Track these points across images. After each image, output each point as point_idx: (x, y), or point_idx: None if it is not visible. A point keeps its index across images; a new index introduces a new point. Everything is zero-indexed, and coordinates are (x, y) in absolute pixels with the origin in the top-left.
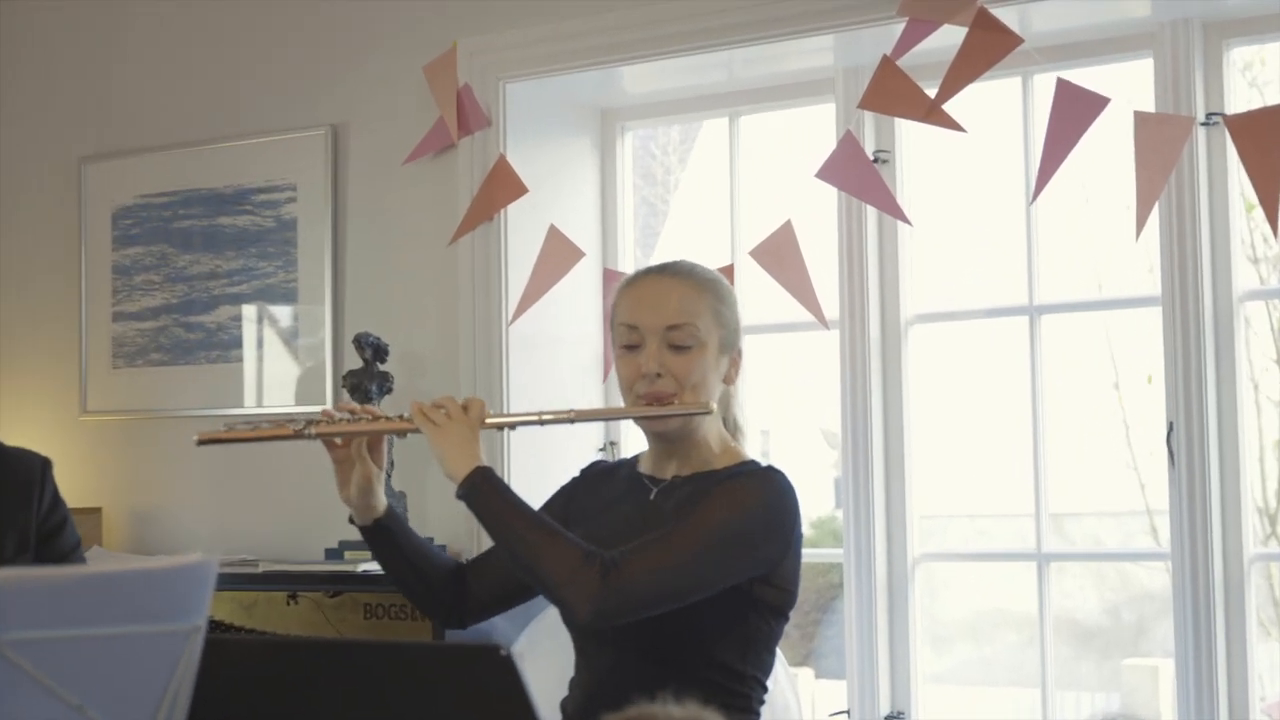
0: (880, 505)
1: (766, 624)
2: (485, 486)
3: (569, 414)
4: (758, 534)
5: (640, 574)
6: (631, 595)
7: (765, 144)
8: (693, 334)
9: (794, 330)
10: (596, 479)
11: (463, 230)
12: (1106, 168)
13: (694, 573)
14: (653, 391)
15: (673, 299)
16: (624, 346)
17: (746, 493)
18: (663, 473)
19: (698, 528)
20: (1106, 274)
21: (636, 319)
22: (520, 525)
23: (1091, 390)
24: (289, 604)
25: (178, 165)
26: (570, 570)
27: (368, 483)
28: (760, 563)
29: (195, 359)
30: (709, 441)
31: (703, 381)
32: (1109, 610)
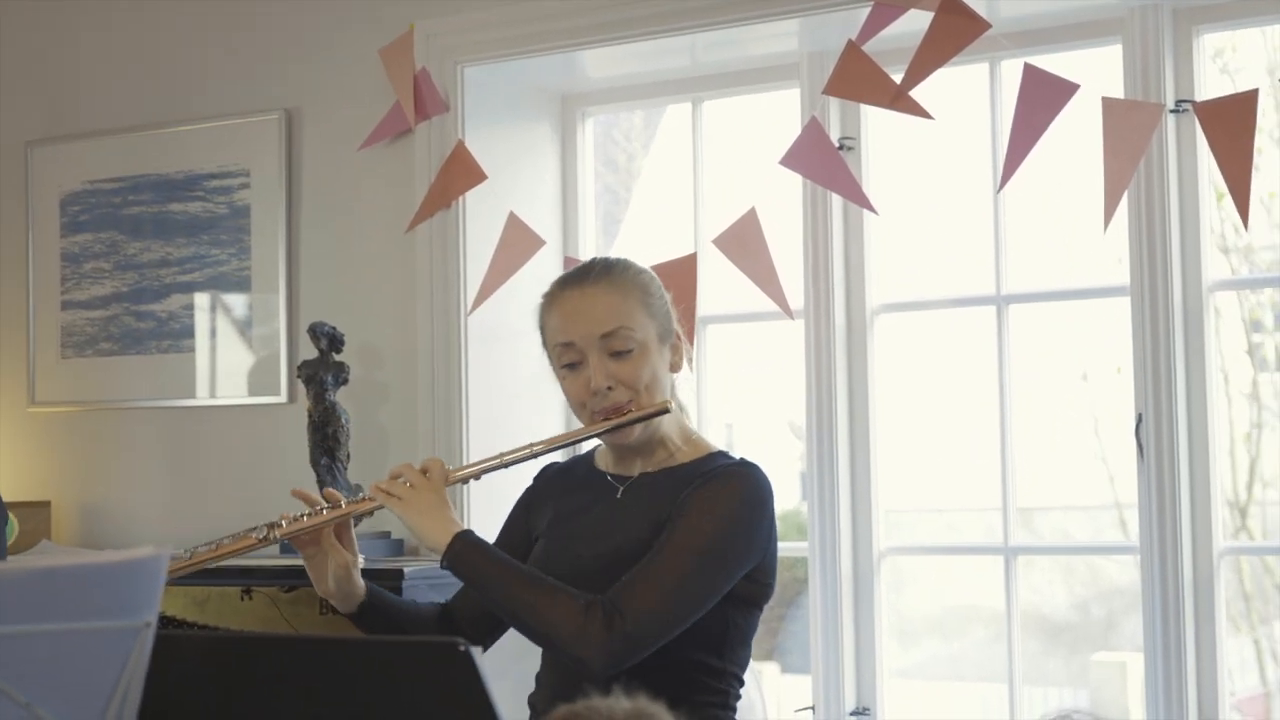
0: (845, 499)
1: (743, 617)
2: (469, 552)
3: (528, 449)
4: (743, 536)
5: (643, 613)
6: (641, 637)
7: (729, 130)
8: (629, 336)
9: (758, 320)
10: (553, 481)
11: (420, 218)
12: (1075, 155)
13: (694, 595)
14: (609, 406)
15: (600, 306)
16: (565, 366)
17: (725, 497)
18: (627, 469)
19: (686, 548)
20: (1075, 263)
21: (569, 335)
22: (513, 586)
23: (1060, 381)
24: (243, 599)
25: (128, 150)
26: (573, 625)
27: (344, 571)
28: (747, 563)
29: (146, 349)
30: (672, 437)
31: (654, 381)
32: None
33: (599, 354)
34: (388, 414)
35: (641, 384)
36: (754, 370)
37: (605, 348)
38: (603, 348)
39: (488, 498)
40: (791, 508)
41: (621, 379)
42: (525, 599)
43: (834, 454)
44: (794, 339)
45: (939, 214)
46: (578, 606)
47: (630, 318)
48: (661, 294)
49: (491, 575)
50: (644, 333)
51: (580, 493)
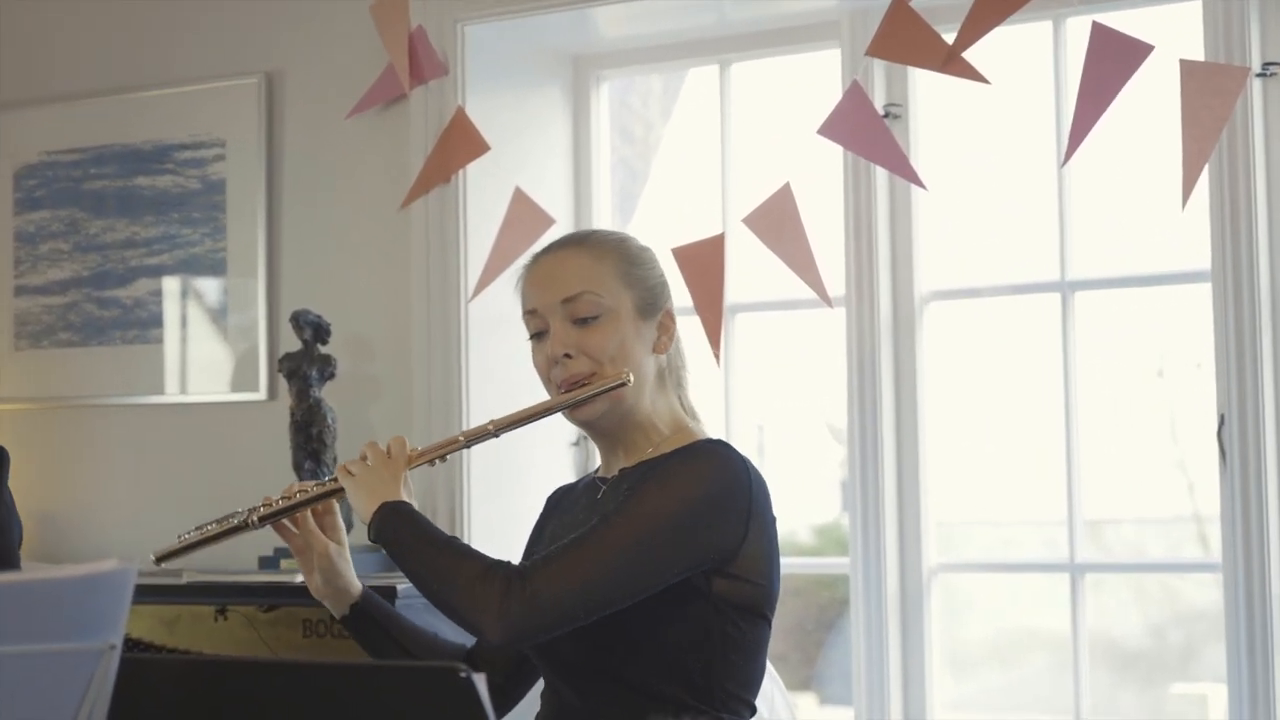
0: (891, 509)
1: (734, 627)
2: (394, 519)
3: (488, 427)
4: (699, 519)
5: (550, 583)
6: (541, 609)
7: (760, 96)
8: (594, 302)
9: (793, 309)
10: (558, 500)
11: (415, 193)
12: (1149, 125)
13: (617, 576)
14: (567, 376)
15: (564, 270)
16: (532, 337)
17: (681, 474)
18: (611, 469)
19: (621, 523)
20: (1149, 245)
21: (533, 301)
22: (426, 551)
23: (1132, 378)
24: (217, 619)
25: (89, 117)
26: (469, 587)
27: (328, 562)
28: (706, 553)
29: (110, 339)
30: (655, 424)
31: (621, 353)
32: (1152, 630)
33: (561, 320)
34: (379, 413)
35: (606, 354)
36: (788, 366)
37: (568, 313)
38: (565, 313)
39: (498, 493)
40: (831, 520)
41: (583, 348)
42: (433, 563)
43: (878, 459)
44: (834, 330)
45: (996, 190)
46: (479, 567)
47: (598, 282)
48: (651, 266)
49: (409, 542)
50: (614, 300)
51: (574, 506)
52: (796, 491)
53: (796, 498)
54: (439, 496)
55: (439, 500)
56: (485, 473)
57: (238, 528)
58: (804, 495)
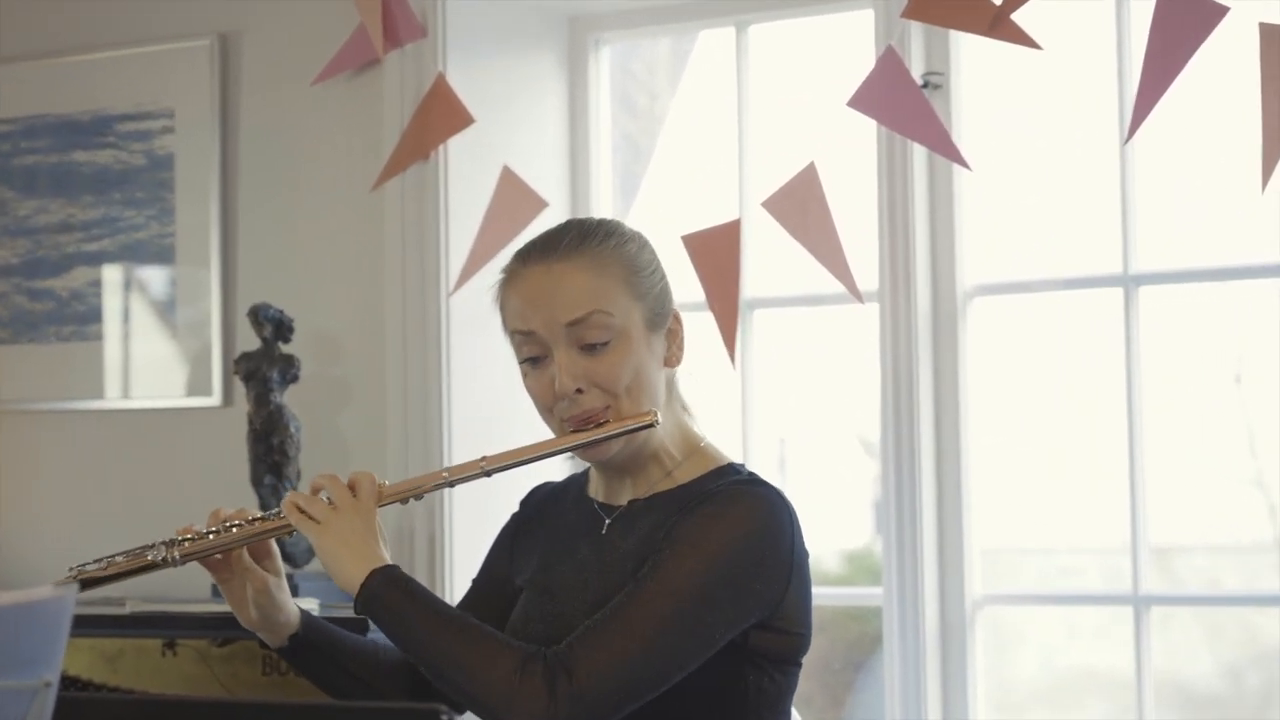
0: (930, 533)
1: (769, 679)
2: (388, 591)
3: (481, 464)
4: (740, 583)
5: (598, 674)
6: (593, 703)
7: (782, 63)
8: (604, 324)
9: (819, 304)
10: (541, 506)
11: (390, 172)
12: (1224, 97)
13: (669, 652)
14: (579, 414)
15: (566, 287)
16: (526, 361)
17: (722, 527)
18: (616, 497)
19: (662, 593)
20: (1223, 235)
21: (529, 322)
22: (438, 635)
23: (1205, 385)
24: (165, 654)
25: (19, 84)
26: (505, 685)
27: (266, 597)
28: (752, 612)
29: (42, 336)
30: (669, 450)
31: (638, 380)
32: (1226, 670)
33: (566, 347)
34: (349, 420)
35: (621, 385)
36: (813, 370)
37: (574, 339)
38: (571, 339)
39: (476, 508)
40: (862, 545)
41: (595, 379)
42: (452, 651)
43: (916, 476)
44: (865, 330)
45: (1049, 171)
46: (513, 661)
47: (607, 299)
48: (654, 267)
49: (413, 620)
50: (625, 318)
51: (566, 529)
52: (823, 513)
53: (823, 520)
54: (416, 515)
55: (416, 519)
56: (468, 489)
57: (151, 564)
58: (832, 517)
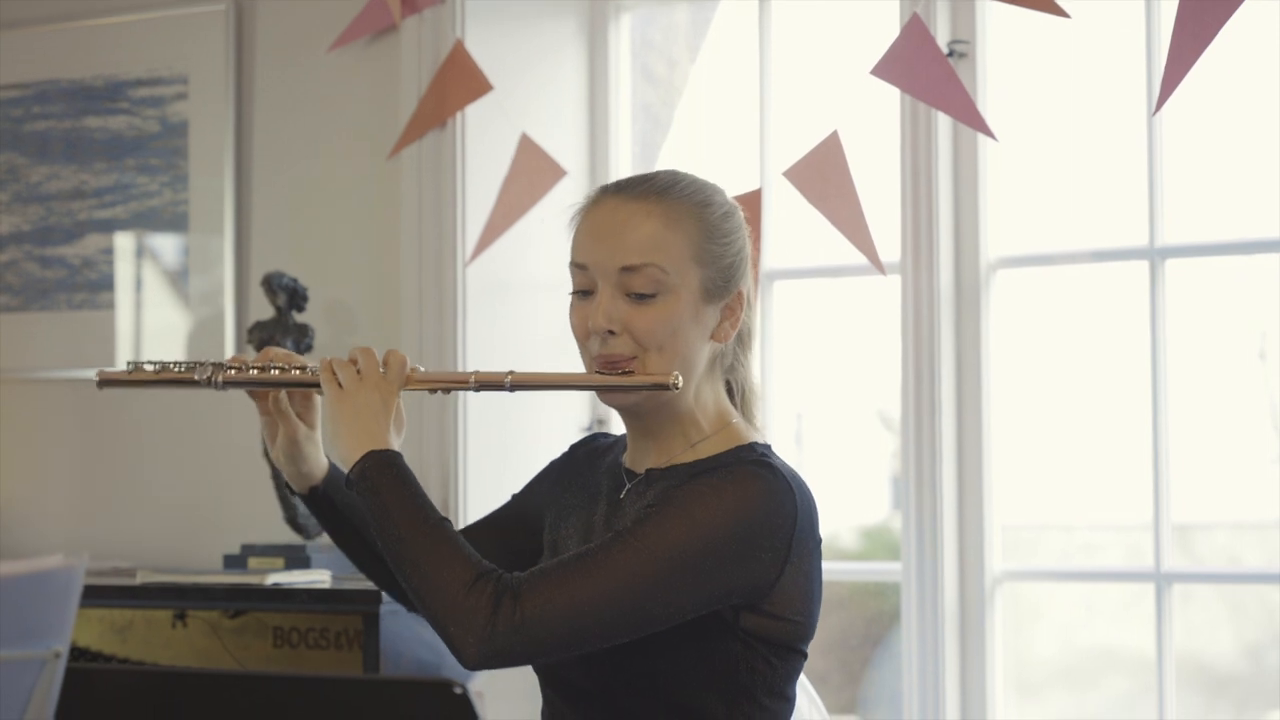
0: (950, 509)
1: (765, 663)
2: (379, 473)
3: (505, 377)
4: (724, 555)
5: (543, 608)
6: (531, 634)
7: (805, 30)
8: (656, 279)
9: (840, 276)
10: (584, 462)
11: (407, 139)
12: (1255, 67)
13: (620, 610)
14: (605, 354)
15: (631, 231)
16: (575, 292)
17: (709, 502)
18: (639, 463)
19: (633, 548)
20: (1252, 208)
21: (585, 256)
22: (409, 528)
23: (1230, 361)
24: (175, 626)
25: (32, 49)
26: (453, 594)
27: (293, 445)
28: (729, 592)
29: (54, 303)
30: (697, 418)
31: (673, 342)
32: (1248, 650)
33: (613, 289)
34: None
35: (655, 340)
36: (833, 342)
37: (623, 284)
38: (620, 283)
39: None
40: (880, 520)
41: (631, 327)
42: (415, 548)
43: (936, 451)
44: (887, 302)
45: (1076, 142)
46: (469, 573)
47: (665, 254)
48: (731, 240)
49: (392, 509)
50: (680, 278)
51: (593, 492)
52: (841, 488)
53: (841, 495)
54: (430, 471)
55: (430, 476)
56: (484, 451)
57: (196, 381)
58: (850, 492)
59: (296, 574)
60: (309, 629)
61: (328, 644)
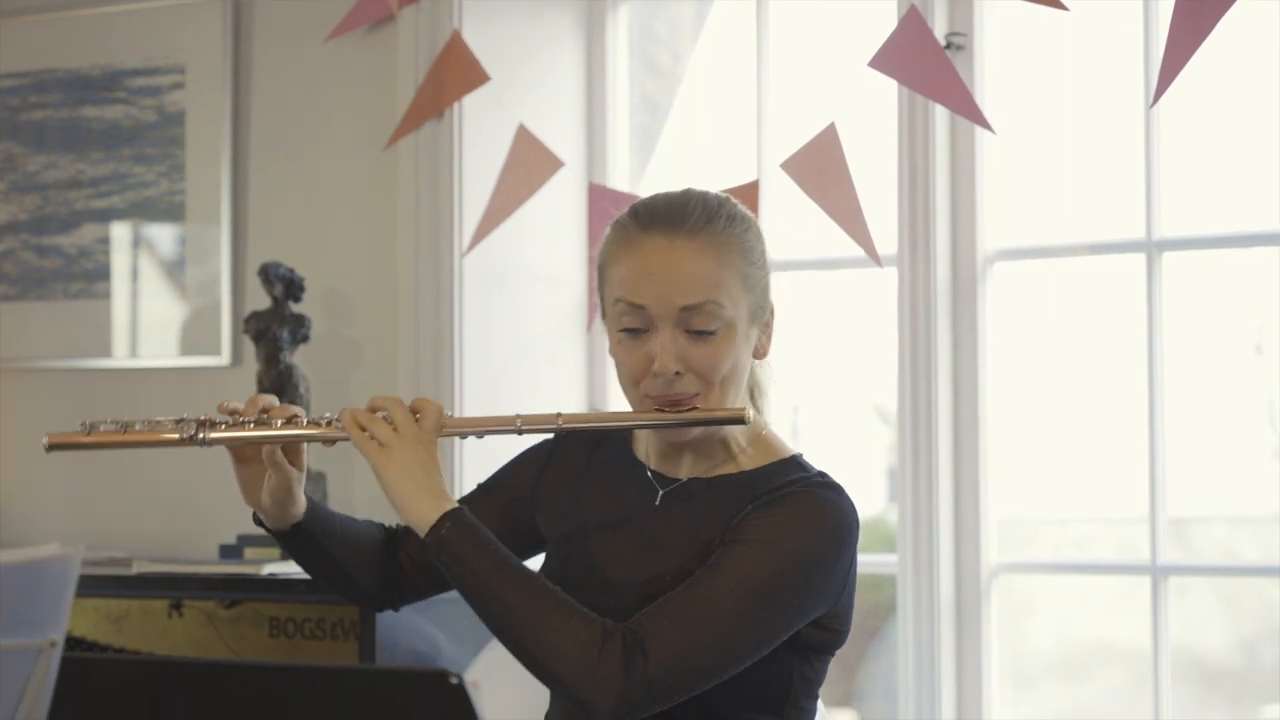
0: (946, 502)
1: (810, 668)
2: (459, 540)
3: (555, 419)
4: (809, 583)
5: (673, 658)
6: (664, 688)
7: (803, 22)
8: (716, 314)
9: (836, 268)
10: (578, 455)
11: (404, 130)
12: (1253, 60)
13: (739, 644)
14: (669, 395)
15: (689, 269)
16: (624, 330)
17: (799, 527)
18: (673, 470)
19: (739, 583)
20: (1249, 201)
21: (641, 296)
22: (512, 595)
23: (1226, 354)
24: (171, 616)
25: (29, 38)
26: (583, 659)
27: (285, 492)
28: (814, 610)
29: (49, 293)
30: (736, 437)
31: (734, 373)
32: (1243, 644)
33: (673, 328)
34: (360, 381)
35: (718, 376)
36: (829, 335)
37: (683, 322)
38: (680, 321)
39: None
40: (876, 513)
41: (694, 366)
42: (526, 614)
43: (933, 444)
44: (883, 294)
45: (1073, 134)
46: (593, 635)
47: (723, 290)
48: (764, 257)
49: (484, 575)
50: (735, 310)
51: (609, 490)
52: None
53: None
54: None
55: None
56: (479, 453)
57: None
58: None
59: (292, 564)
60: (305, 619)
61: (324, 634)
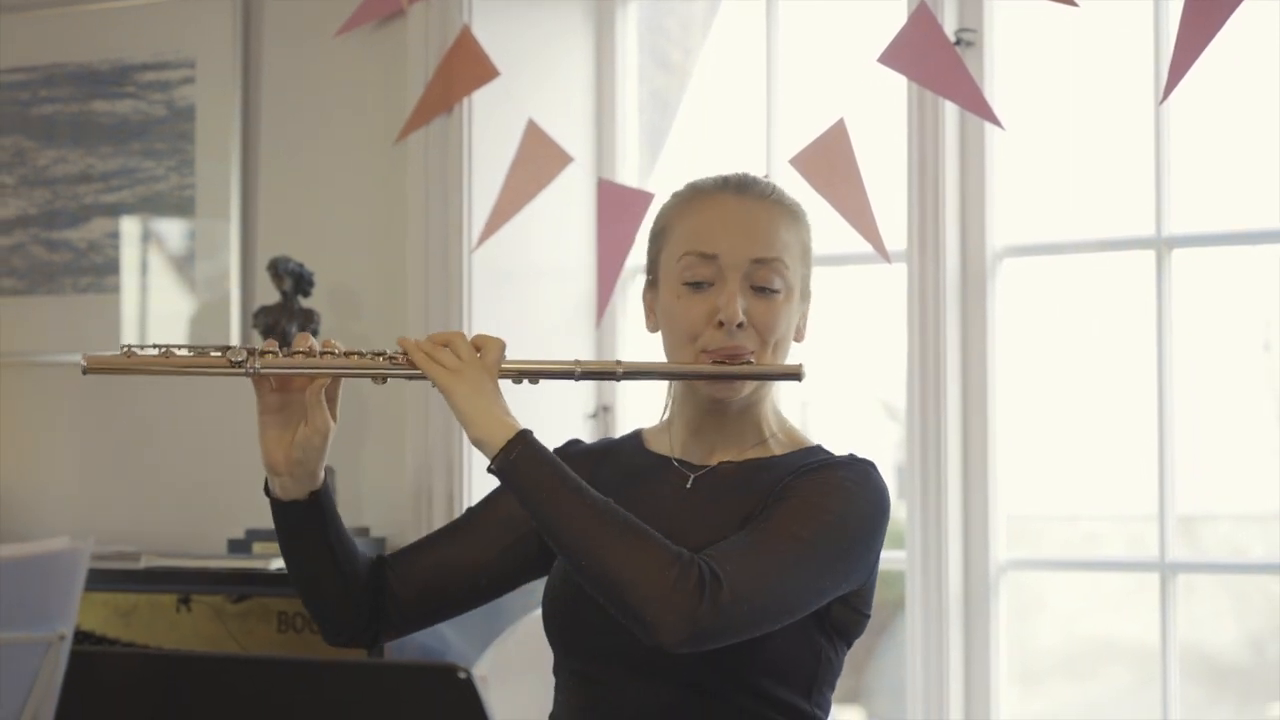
0: (955, 499)
1: (834, 653)
2: (530, 462)
3: (613, 365)
4: (859, 542)
5: (747, 588)
6: (737, 616)
7: (812, 18)
8: (781, 273)
9: (845, 264)
10: (583, 461)
11: (413, 125)
12: (1262, 57)
13: (808, 580)
14: (731, 346)
15: (764, 224)
16: (688, 284)
17: (845, 490)
18: (701, 457)
19: (797, 529)
20: (1259, 198)
21: (715, 245)
22: (588, 518)
23: (1235, 351)
24: (179, 610)
25: (39, 32)
26: (661, 579)
27: (319, 441)
28: (855, 575)
29: (59, 287)
30: (768, 419)
31: (785, 337)
32: (1251, 641)
33: (742, 281)
34: None
35: (774, 334)
36: (838, 331)
37: (752, 276)
38: (749, 275)
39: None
40: None
41: (757, 321)
42: (602, 535)
43: (941, 441)
44: (892, 290)
45: (1083, 131)
46: (670, 558)
47: (790, 252)
48: (812, 242)
49: (558, 498)
50: (794, 277)
51: (636, 486)
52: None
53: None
54: (435, 471)
55: (434, 475)
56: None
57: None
58: None
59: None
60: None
61: None
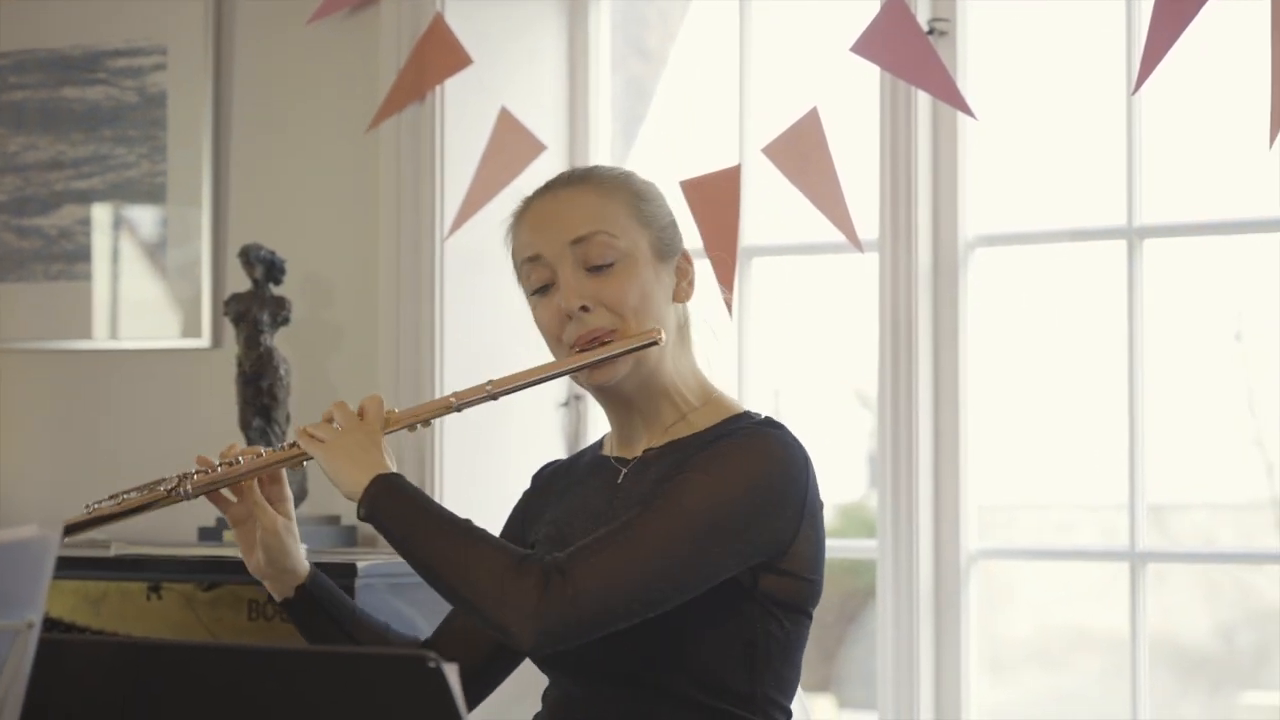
0: (926, 488)
1: (779, 627)
2: (388, 497)
3: (486, 388)
4: (754, 512)
5: (593, 580)
6: (583, 610)
7: (785, 7)
8: (609, 245)
9: (818, 253)
10: (551, 482)
11: (386, 113)
12: (1234, 48)
13: (665, 574)
14: (586, 332)
15: (571, 208)
16: (535, 293)
17: (732, 461)
18: (632, 448)
19: (668, 513)
20: (1230, 188)
21: (535, 246)
22: (436, 537)
23: (1206, 341)
24: (150, 598)
25: (9, 17)
26: (499, 583)
27: (275, 539)
28: (759, 549)
29: (29, 274)
30: (681, 390)
31: (645, 303)
32: (1221, 630)
33: (572, 267)
34: (340, 364)
35: (628, 305)
36: (811, 320)
37: (580, 259)
38: (577, 259)
39: (473, 464)
40: (857, 499)
41: (602, 298)
42: (449, 553)
43: (913, 430)
44: (864, 279)
45: (1055, 121)
46: (508, 559)
47: (611, 222)
48: (661, 203)
49: (414, 524)
50: (630, 242)
51: (580, 488)
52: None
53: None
54: (405, 463)
55: (405, 468)
56: (460, 437)
57: (166, 497)
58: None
59: None
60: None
61: None
